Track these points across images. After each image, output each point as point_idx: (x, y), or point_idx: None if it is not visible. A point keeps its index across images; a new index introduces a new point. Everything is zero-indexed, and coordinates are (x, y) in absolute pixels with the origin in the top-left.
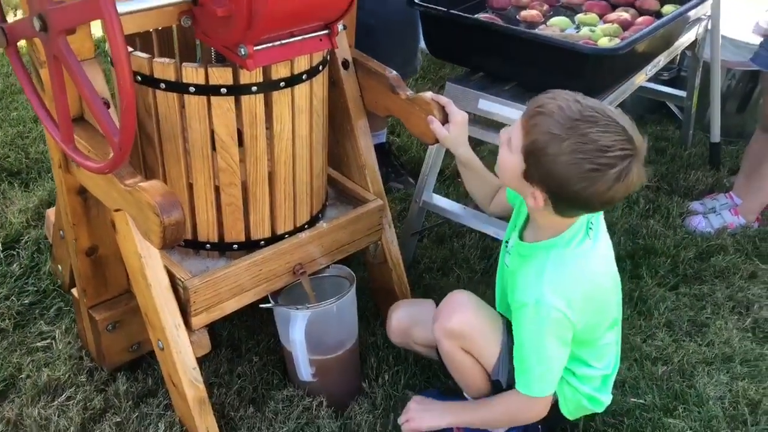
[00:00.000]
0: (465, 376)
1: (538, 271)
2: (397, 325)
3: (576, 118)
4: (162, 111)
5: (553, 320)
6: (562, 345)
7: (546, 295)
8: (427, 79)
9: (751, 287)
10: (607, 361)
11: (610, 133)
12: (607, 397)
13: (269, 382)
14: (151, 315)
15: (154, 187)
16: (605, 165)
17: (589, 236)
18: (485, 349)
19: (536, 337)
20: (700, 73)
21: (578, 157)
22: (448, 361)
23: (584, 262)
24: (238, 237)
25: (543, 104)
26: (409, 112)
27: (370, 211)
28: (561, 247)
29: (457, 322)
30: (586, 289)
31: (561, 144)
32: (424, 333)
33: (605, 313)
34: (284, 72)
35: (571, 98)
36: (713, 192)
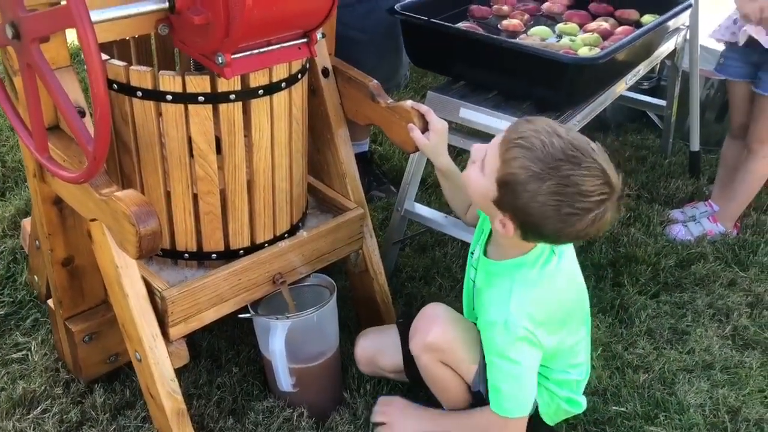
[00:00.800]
0: (445, 389)
1: (506, 292)
2: (363, 354)
3: (559, 158)
4: (139, 119)
5: (521, 340)
6: (530, 365)
7: (513, 316)
8: (409, 88)
9: (731, 295)
10: (580, 366)
11: (591, 176)
12: (583, 399)
13: (249, 392)
14: (128, 326)
15: (129, 196)
16: (584, 210)
17: (554, 253)
18: (464, 360)
19: (505, 357)
20: (679, 83)
21: (557, 199)
22: (428, 375)
23: (551, 282)
24: (216, 246)
25: (524, 136)
26: (389, 120)
27: (350, 220)
28: (528, 267)
29: (435, 336)
30: (553, 308)
31: (541, 184)
32: (390, 359)
33: (573, 326)
34: (263, 80)
35: (552, 132)
36: (693, 200)
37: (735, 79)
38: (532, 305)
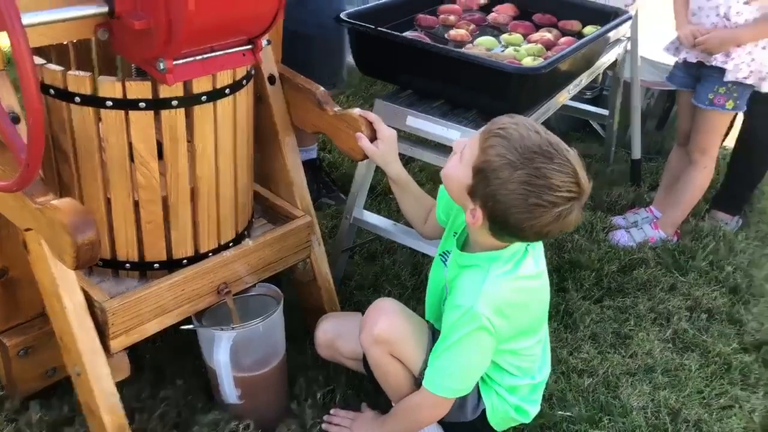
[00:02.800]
0: (392, 382)
1: (478, 281)
2: (323, 337)
3: (534, 150)
4: (78, 126)
5: (479, 328)
6: (480, 355)
7: (479, 304)
8: (358, 96)
9: (671, 299)
10: (533, 370)
11: (563, 173)
12: (534, 408)
13: (194, 405)
14: (67, 339)
15: (66, 205)
16: (550, 203)
17: (528, 252)
18: (412, 352)
19: (458, 337)
20: (620, 93)
21: (526, 188)
22: (377, 367)
23: (523, 281)
24: (159, 256)
25: (504, 127)
26: (336, 128)
27: (297, 228)
28: (503, 261)
29: (383, 327)
30: (518, 303)
31: (513, 172)
32: (350, 345)
33: (535, 326)
34: (206, 86)
35: (532, 128)
36: (635, 207)
37: (680, 88)
38: (501, 297)
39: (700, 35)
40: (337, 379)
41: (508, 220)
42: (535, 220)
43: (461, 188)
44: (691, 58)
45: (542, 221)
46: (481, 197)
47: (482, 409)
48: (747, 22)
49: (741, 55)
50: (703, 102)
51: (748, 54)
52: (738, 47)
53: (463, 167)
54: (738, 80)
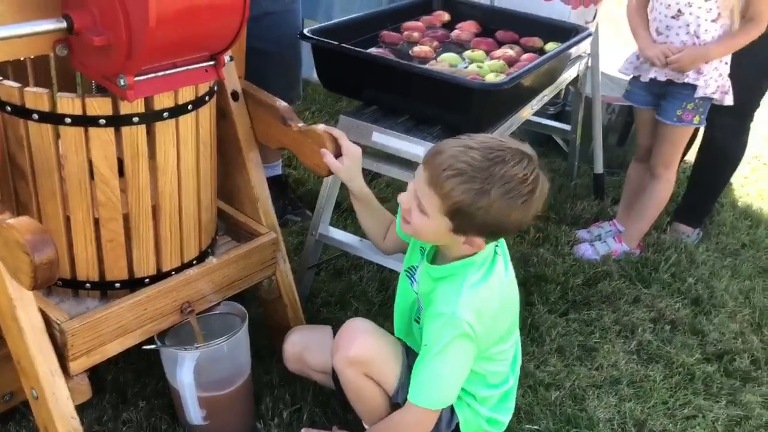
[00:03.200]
0: (367, 402)
1: (456, 288)
2: (291, 350)
3: (486, 167)
4: (35, 143)
5: (462, 334)
6: (463, 362)
7: (460, 310)
8: (323, 113)
9: (635, 311)
10: (505, 375)
11: (518, 163)
12: (507, 417)
13: (157, 427)
14: (24, 362)
15: (23, 224)
16: (530, 192)
17: (497, 253)
18: (387, 373)
19: (442, 347)
20: (582, 108)
21: (509, 197)
22: (351, 389)
23: (497, 282)
24: (120, 275)
25: (447, 166)
26: (301, 143)
27: (262, 245)
28: (477, 266)
29: (357, 349)
30: (496, 307)
31: (489, 195)
32: (319, 357)
33: (511, 329)
34: (168, 102)
35: (465, 148)
36: (598, 220)
37: (640, 107)
38: (480, 302)
39: (672, 54)
40: (303, 397)
41: (507, 227)
42: (529, 211)
43: (442, 234)
44: (661, 76)
45: (534, 207)
46: (473, 229)
47: (456, 423)
48: (713, 38)
49: (709, 71)
50: (671, 119)
51: (715, 69)
52: (706, 64)
53: (434, 219)
54: (706, 96)
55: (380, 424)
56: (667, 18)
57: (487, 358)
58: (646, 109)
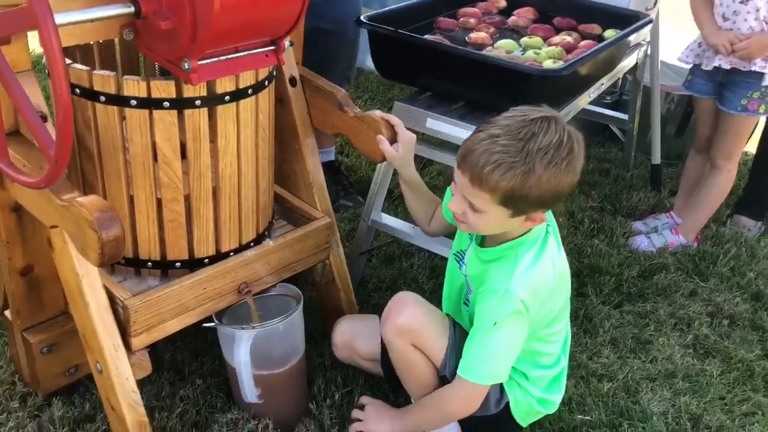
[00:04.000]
0: (417, 374)
1: (510, 266)
2: (341, 338)
3: (521, 147)
4: (102, 125)
5: (515, 311)
6: (516, 339)
7: (515, 286)
8: (375, 101)
9: (692, 305)
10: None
11: (547, 130)
12: (558, 396)
13: (213, 404)
14: (89, 336)
15: (91, 202)
16: (570, 151)
17: (549, 232)
18: (434, 344)
19: (493, 321)
20: (640, 97)
21: (554, 166)
22: (400, 359)
23: (550, 260)
24: (180, 255)
25: (484, 163)
26: (357, 130)
27: (317, 229)
28: (528, 245)
29: (406, 318)
30: (550, 286)
31: (534, 172)
32: (368, 345)
33: (562, 305)
34: (229, 86)
35: (489, 138)
36: (655, 212)
37: (701, 96)
38: (535, 280)
39: (738, 41)
40: (355, 380)
41: (563, 192)
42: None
43: (503, 221)
44: (725, 65)
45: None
46: (530, 207)
47: (505, 402)
48: None
49: None
50: (735, 108)
51: None
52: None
53: (491, 212)
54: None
55: (428, 397)
56: (735, 3)
57: (540, 339)
58: (707, 98)
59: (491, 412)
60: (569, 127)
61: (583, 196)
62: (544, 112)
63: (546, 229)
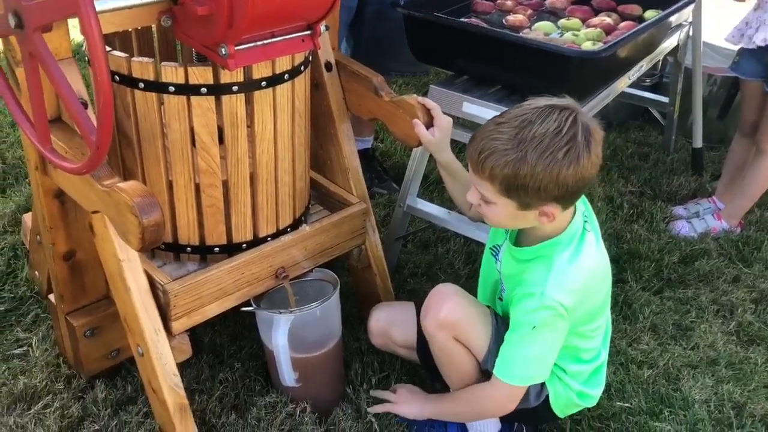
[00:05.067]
0: (457, 367)
1: (546, 267)
2: (376, 326)
3: (515, 133)
4: (141, 111)
5: (553, 315)
6: (554, 341)
7: (550, 290)
8: (410, 85)
9: (735, 291)
10: (597, 350)
11: (546, 117)
12: (598, 390)
13: (251, 388)
14: (131, 320)
15: (132, 187)
16: (570, 140)
17: (587, 229)
18: (476, 336)
19: (531, 325)
20: (682, 79)
21: (547, 155)
22: (441, 352)
23: (588, 259)
24: (219, 240)
25: (480, 150)
26: (393, 114)
27: (353, 215)
28: (564, 245)
29: (448, 311)
30: (589, 284)
31: (526, 160)
32: (404, 333)
33: (603, 305)
34: (266, 71)
35: (493, 125)
36: (696, 197)
37: (748, 78)
38: (572, 280)
39: None
40: (392, 365)
41: (568, 184)
42: (580, 161)
43: (515, 215)
44: None
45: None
46: (533, 198)
47: (545, 395)
48: None
49: None
50: None
51: None
52: None
53: (497, 203)
54: None
55: (465, 392)
56: None
57: (579, 335)
58: (754, 80)
59: (531, 405)
60: (584, 119)
61: (622, 180)
62: (558, 101)
63: (584, 225)
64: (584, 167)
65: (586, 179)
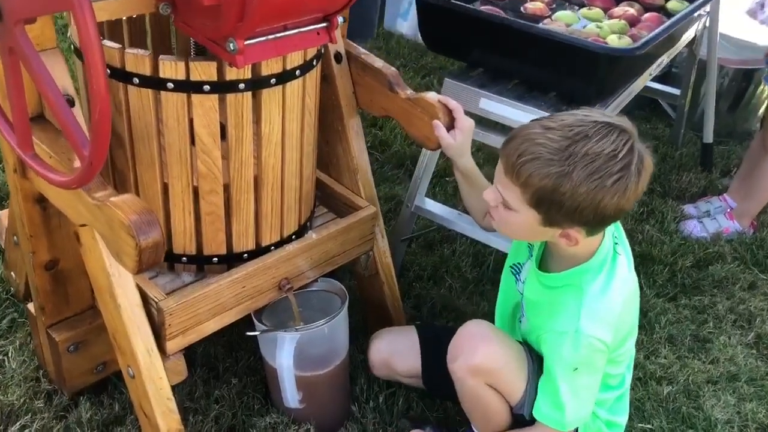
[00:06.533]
0: (486, 413)
1: (575, 300)
2: (377, 357)
3: (566, 145)
4: (134, 109)
5: (592, 351)
6: (598, 376)
7: (585, 326)
8: (408, 68)
9: (752, 299)
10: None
11: (605, 137)
12: (624, 418)
13: (250, 406)
14: (121, 339)
15: (127, 203)
16: (623, 169)
17: (618, 252)
18: (512, 383)
19: (573, 369)
20: (695, 71)
21: (595, 178)
22: (471, 398)
23: (620, 285)
24: (218, 249)
25: (522, 152)
26: (409, 113)
27: (362, 220)
28: (594, 272)
29: (482, 358)
30: (622, 311)
31: (570, 177)
32: (407, 362)
33: (631, 326)
34: (276, 67)
35: (542, 128)
36: (706, 194)
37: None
38: (606, 313)
39: None
40: None
41: (605, 213)
42: (626, 192)
43: (533, 228)
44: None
45: (632, 187)
46: (564, 218)
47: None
48: None
49: None
50: None
51: None
52: None
53: (521, 212)
54: None
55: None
56: None
57: (610, 361)
58: None
59: None
60: (640, 146)
61: None
62: (617, 120)
63: (614, 248)
64: (627, 199)
65: (624, 211)
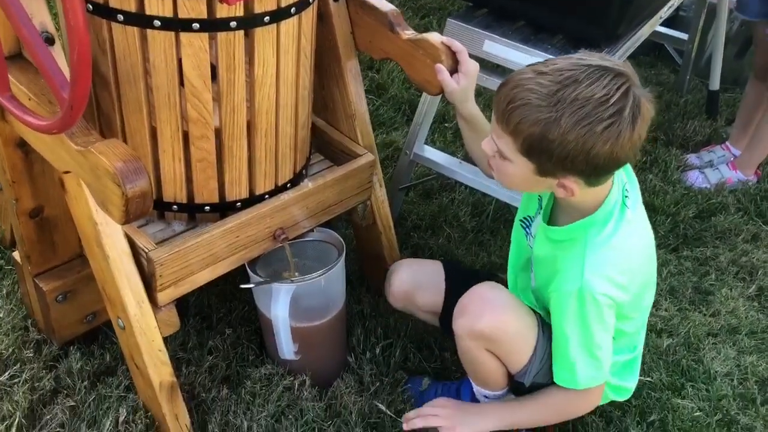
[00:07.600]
0: (482, 373)
1: (578, 257)
2: (399, 289)
3: (555, 90)
4: (119, 48)
5: (599, 306)
6: (607, 330)
7: (589, 281)
8: (406, 7)
9: (755, 251)
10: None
11: (595, 81)
12: (633, 383)
13: (245, 357)
14: (110, 290)
15: (112, 148)
16: (615, 114)
17: (627, 205)
18: (514, 353)
19: (582, 327)
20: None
21: (585, 124)
22: (467, 358)
23: (626, 238)
24: (210, 197)
25: (512, 98)
26: (411, 56)
27: (359, 168)
28: (598, 225)
29: (486, 324)
30: (631, 265)
31: (558, 123)
32: (430, 297)
33: (645, 284)
34: (269, 4)
35: (532, 74)
36: (710, 143)
37: (754, 18)
38: (610, 266)
39: None
40: (396, 330)
41: (600, 164)
42: (619, 139)
43: (529, 179)
44: None
45: (626, 134)
46: (556, 166)
47: None
48: None
49: None
50: None
51: None
52: None
53: (514, 162)
54: None
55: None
56: None
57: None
58: (763, 21)
59: None
60: (639, 91)
61: None
62: (614, 64)
63: (623, 200)
64: (622, 147)
65: (620, 160)
